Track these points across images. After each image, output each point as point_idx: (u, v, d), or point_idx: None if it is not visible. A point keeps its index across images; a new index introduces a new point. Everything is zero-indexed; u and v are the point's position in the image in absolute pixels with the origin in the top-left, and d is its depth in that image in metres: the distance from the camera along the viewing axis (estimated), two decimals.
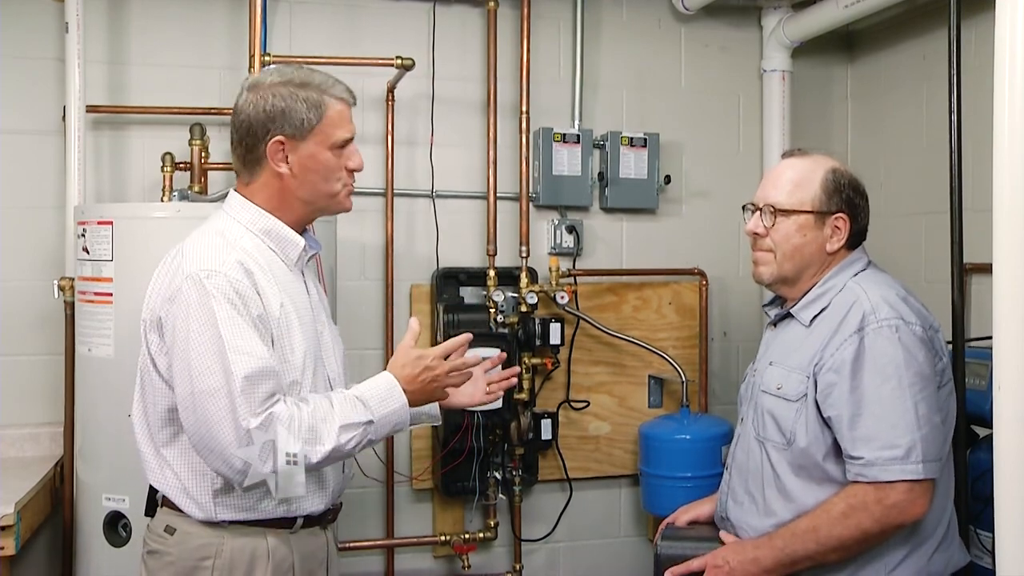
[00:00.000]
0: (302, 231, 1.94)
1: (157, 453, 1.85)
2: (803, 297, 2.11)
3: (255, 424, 1.67)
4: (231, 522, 1.81)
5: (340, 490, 1.98)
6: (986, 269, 1.62)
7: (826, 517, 1.93)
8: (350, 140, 1.89)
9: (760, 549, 1.99)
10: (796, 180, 2.09)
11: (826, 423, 1.96)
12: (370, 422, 1.76)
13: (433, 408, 2.12)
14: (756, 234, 2.12)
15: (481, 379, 2.14)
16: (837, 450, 1.96)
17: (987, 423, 2.28)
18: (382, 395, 1.80)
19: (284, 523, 1.85)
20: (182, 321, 1.74)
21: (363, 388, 1.81)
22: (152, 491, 1.91)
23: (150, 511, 1.92)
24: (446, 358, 1.89)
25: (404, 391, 1.82)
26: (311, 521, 1.90)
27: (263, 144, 1.83)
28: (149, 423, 1.86)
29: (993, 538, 1.52)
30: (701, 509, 2.31)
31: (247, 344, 1.70)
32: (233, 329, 1.71)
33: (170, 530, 1.84)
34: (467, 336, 1.95)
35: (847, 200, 2.08)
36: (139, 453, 1.88)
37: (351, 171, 1.90)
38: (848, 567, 1.97)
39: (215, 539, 1.81)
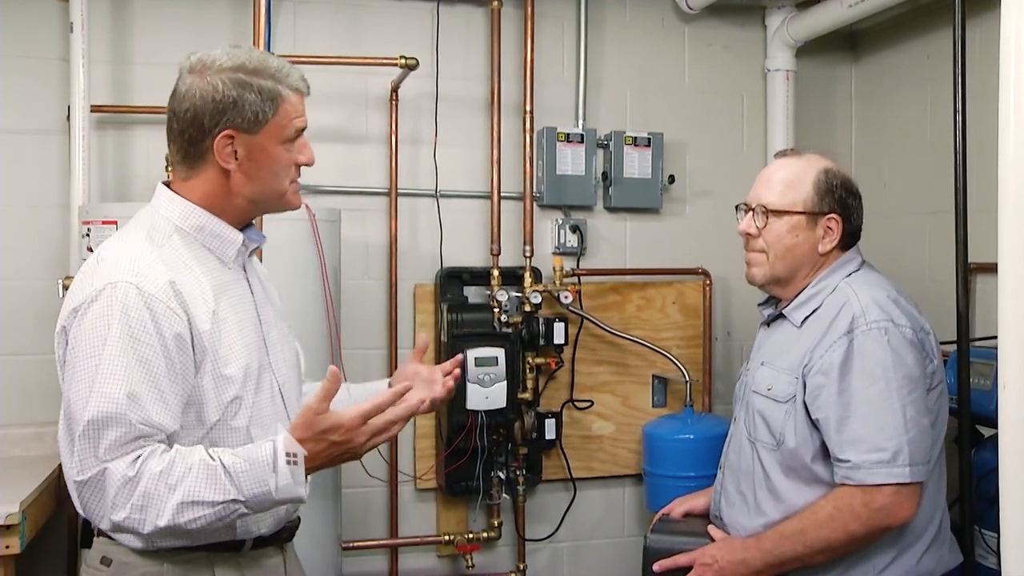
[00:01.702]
0: (243, 227, 1.75)
1: None
2: (796, 297, 2.10)
3: (85, 477, 1.51)
4: (172, 549, 1.63)
5: (295, 506, 1.78)
6: (991, 269, 1.61)
7: (813, 520, 1.93)
8: (302, 131, 1.71)
9: (748, 551, 1.99)
10: (788, 180, 2.09)
11: (815, 425, 1.96)
12: (234, 500, 1.51)
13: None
14: (748, 234, 2.12)
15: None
16: (826, 452, 1.96)
17: (992, 423, 2.28)
18: (259, 474, 1.52)
19: (231, 546, 1.68)
20: (75, 337, 1.56)
21: (240, 459, 1.54)
22: (87, 520, 1.67)
23: (86, 542, 1.74)
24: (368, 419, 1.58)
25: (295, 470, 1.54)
26: (262, 542, 1.73)
27: (210, 137, 1.63)
28: None
29: (998, 538, 1.52)
30: (696, 501, 2.31)
31: (110, 384, 1.50)
32: (110, 362, 1.51)
33: (106, 561, 1.66)
34: (404, 387, 1.66)
35: (839, 200, 2.08)
36: (67, 480, 1.60)
37: (300, 166, 1.73)
38: (836, 568, 1.97)
39: (154, 568, 1.64)
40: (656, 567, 2.08)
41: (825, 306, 2.03)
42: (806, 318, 2.06)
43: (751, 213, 2.11)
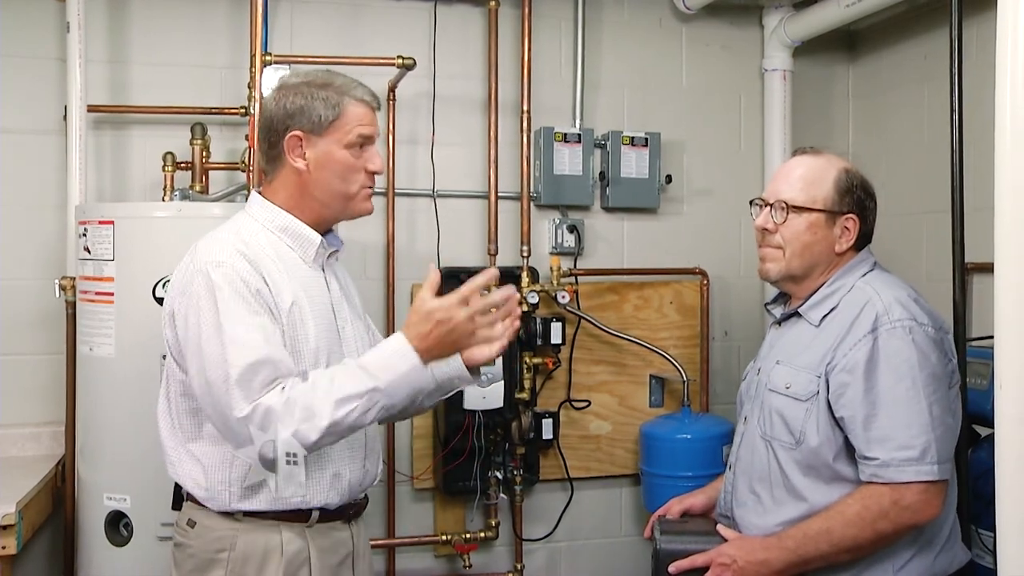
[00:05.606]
0: (324, 232, 1.95)
1: (180, 447, 1.88)
2: (811, 296, 2.09)
3: (246, 412, 1.71)
4: (246, 514, 1.85)
5: (359, 484, 1.97)
6: (987, 268, 1.62)
7: (840, 519, 1.91)
8: (369, 140, 1.92)
9: (770, 551, 1.96)
10: (809, 178, 2.08)
11: (838, 423, 1.95)
12: (374, 389, 1.70)
13: (461, 370, 1.91)
14: (765, 230, 2.10)
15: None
16: (848, 450, 1.95)
17: (988, 422, 2.28)
18: (386, 360, 1.73)
19: (299, 516, 1.87)
20: (193, 312, 1.79)
21: (369, 354, 1.78)
22: (178, 485, 1.94)
23: (176, 505, 1.97)
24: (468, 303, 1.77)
25: (416, 350, 1.73)
26: (329, 515, 1.91)
27: (282, 139, 1.88)
28: (173, 417, 1.89)
29: (994, 538, 1.52)
30: (694, 500, 2.29)
31: (245, 334, 1.74)
32: (234, 320, 1.75)
33: (191, 523, 1.89)
34: (490, 273, 1.83)
35: (858, 201, 2.07)
36: (162, 448, 1.91)
37: (370, 173, 1.92)
38: (855, 567, 1.96)
39: (229, 532, 1.85)
40: (672, 568, 2.03)
41: (844, 304, 2.02)
42: (824, 316, 2.05)
43: (768, 208, 2.10)
